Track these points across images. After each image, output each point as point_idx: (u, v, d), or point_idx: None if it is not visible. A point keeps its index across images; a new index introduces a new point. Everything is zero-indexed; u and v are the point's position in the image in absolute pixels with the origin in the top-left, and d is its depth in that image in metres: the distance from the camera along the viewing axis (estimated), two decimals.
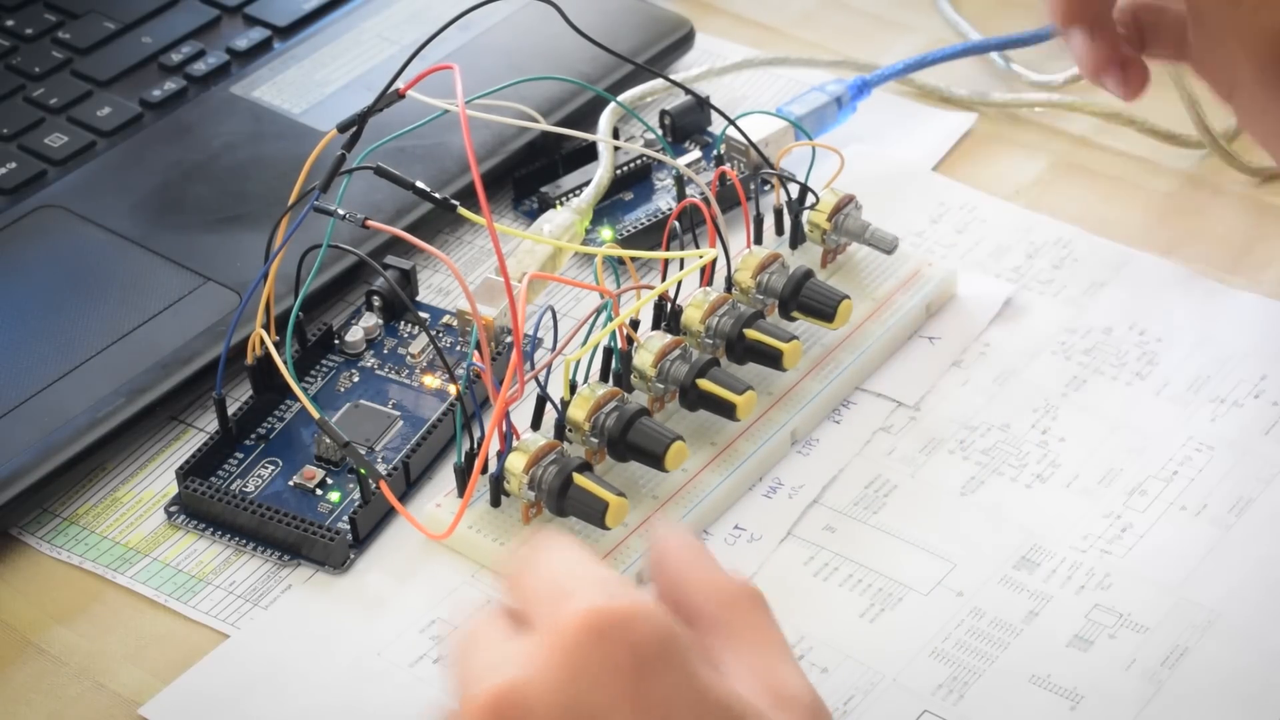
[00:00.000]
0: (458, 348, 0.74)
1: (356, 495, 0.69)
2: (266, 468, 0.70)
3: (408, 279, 0.75)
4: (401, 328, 0.75)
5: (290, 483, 0.69)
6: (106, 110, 0.84)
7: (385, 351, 0.74)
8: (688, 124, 0.82)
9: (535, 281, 0.74)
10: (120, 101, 0.84)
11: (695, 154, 0.80)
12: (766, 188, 0.79)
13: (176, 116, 0.84)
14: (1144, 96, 0.70)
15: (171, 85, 0.85)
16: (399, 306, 0.75)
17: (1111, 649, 0.64)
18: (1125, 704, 0.62)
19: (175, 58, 0.86)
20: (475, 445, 0.67)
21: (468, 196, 0.73)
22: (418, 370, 0.73)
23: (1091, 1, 0.69)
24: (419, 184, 0.67)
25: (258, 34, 0.88)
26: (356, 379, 0.73)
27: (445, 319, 0.75)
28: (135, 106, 0.84)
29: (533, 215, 0.80)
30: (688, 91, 0.80)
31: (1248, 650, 0.63)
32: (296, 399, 0.70)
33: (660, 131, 0.81)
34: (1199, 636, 0.64)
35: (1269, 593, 0.65)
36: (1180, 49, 0.68)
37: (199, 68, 0.86)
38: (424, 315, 0.75)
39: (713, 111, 0.79)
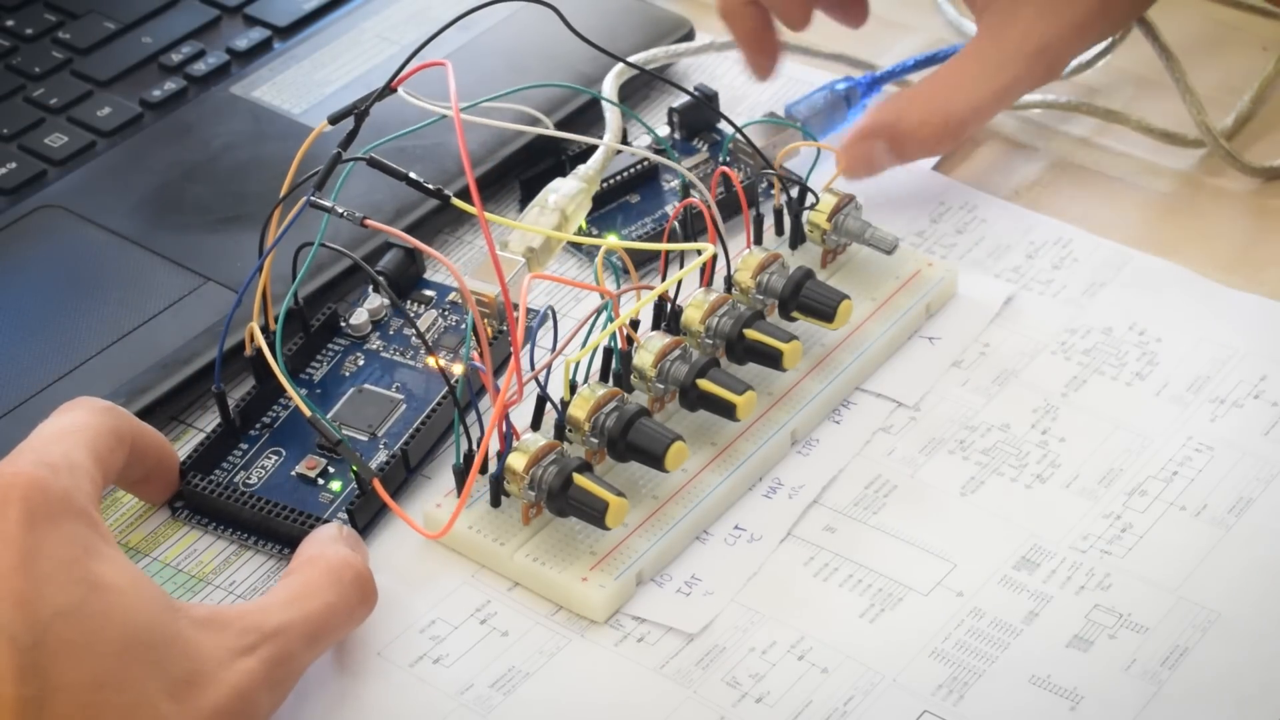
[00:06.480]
0: (463, 325, 0.74)
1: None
2: (270, 458, 0.70)
3: (412, 259, 0.75)
4: (409, 307, 0.75)
5: (293, 473, 0.69)
6: (106, 110, 0.84)
7: (391, 333, 0.74)
8: (697, 121, 0.82)
9: (539, 255, 0.73)
10: (120, 101, 0.84)
11: (703, 154, 0.80)
12: (767, 188, 0.79)
13: (176, 116, 0.84)
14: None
15: (171, 85, 0.85)
16: (405, 286, 0.75)
17: (1111, 649, 0.64)
18: (1125, 704, 0.62)
19: (175, 58, 0.86)
20: (474, 445, 0.67)
21: (468, 197, 0.73)
22: (422, 351, 0.73)
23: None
24: (412, 174, 0.67)
25: (258, 34, 0.88)
26: (361, 362, 0.73)
27: (451, 295, 0.75)
28: (135, 106, 0.84)
29: None
30: (689, 92, 0.80)
31: (1248, 650, 0.63)
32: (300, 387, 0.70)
33: (669, 129, 0.81)
34: (1199, 636, 0.64)
35: (1269, 593, 0.65)
36: None
37: (199, 68, 0.86)
38: (418, 310, 0.75)
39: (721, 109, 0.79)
